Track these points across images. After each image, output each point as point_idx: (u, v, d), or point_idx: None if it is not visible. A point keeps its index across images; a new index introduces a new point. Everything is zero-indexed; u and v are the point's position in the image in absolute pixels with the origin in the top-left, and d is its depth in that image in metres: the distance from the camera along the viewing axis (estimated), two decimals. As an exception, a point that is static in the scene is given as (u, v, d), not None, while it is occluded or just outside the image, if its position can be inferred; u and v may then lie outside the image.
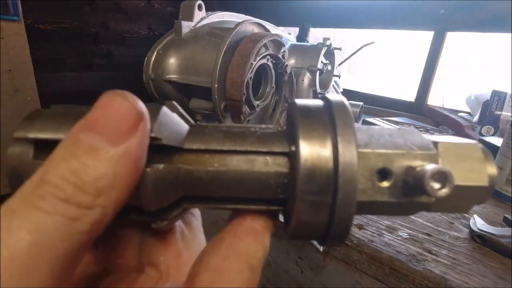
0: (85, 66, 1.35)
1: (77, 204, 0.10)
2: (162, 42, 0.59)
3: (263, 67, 0.60)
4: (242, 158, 0.13)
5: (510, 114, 0.83)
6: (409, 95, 1.17)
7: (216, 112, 0.56)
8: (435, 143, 0.14)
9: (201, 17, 0.62)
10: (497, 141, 0.67)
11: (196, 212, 0.19)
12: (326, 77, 0.92)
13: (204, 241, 0.18)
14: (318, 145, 0.13)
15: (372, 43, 1.00)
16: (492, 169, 0.14)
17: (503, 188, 0.54)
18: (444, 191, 0.12)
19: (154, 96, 0.62)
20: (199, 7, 0.61)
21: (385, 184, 0.13)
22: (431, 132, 0.88)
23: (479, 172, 0.14)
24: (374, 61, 1.37)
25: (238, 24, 0.56)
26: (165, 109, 0.13)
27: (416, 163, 0.13)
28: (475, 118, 0.92)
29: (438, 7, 1.01)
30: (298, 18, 1.33)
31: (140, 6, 1.46)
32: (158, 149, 0.12)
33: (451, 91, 1.12)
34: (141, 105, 0.11)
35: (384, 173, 0.13)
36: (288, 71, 0.64)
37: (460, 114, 0.97)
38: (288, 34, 0.93)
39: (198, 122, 0.15)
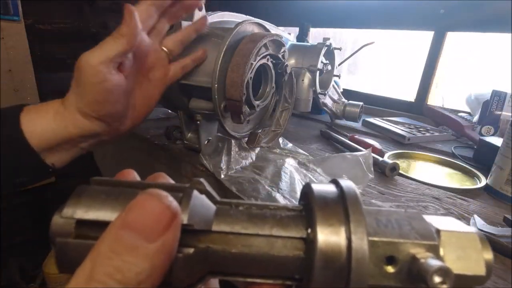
0: (85, 66, 1.34)
1: None
2: (162, 42, 0.59)
3: (263, 67, 0.60)
4: (263, 241, 0.15)
5: (510, 114, 0.83)
6: (409, 95, 1.17)
7: (216, 112, 0.56)
8: (438, 232, 0.15)
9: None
10: (497, 141, 0.67)
11: None
12: (326, 77, 0.92)
13: None
14: (334, 238, 0.14)
15: (372, 43, 1.00)
16: (488, 257, 0.15)
17: (503, 188, 0.54)
18: (445, 287, 0.13)
19: (154, 96, 0.62)
20: (199, 7, 0.61)
21: (391, 269, 0.15)
22: (431, 132, 0.88)
23: (477, 262, 0.15)
24: (374, 61, 1.37)
25: (238, 24, 0.55)
26: (195, 194, 0.15)
27: (420, 252, 0.15)
28: (475, 118, 0.92)
29: (438, 7, 1.01)
30: (298, 18, 1.33)
31: (140, 6, 1.46)
32: (189, 231, 0.14)
33: (451, 91, 1.12)
34: (175, 205, 0.13)
35: (391, 259, 0.15)
36: (288, 71, 0.64)
37: (460, 114, 0.97)
38: (288, 34, 0.93)
39: (225, 200, 0.17)
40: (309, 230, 0.15)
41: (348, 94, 1.11)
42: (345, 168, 0.56)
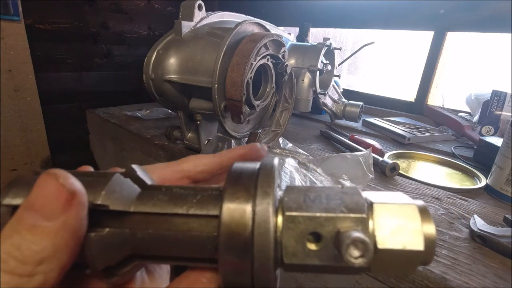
0: (85, 66, 1.34)
1: (19, 274, 0.11)
2: (162, 42, 0.59)
3: (263, 67, 0.60)
4: (181, 221, 0.14)
5: (510, 114, 0.83)
6: (409, 95, 1.17)
7: (216, 112, 0.56)
8: (370, 205, 0.14)
9: (201, 17, 0.62)
10: (497, 141, 0.67)
11: None
12: (326, 77, 0.92)
13: None
14: (239, 212, 0.13)
15: (372, 43, 1.00)
16: (429, 231, 0.13)
17: (503, 188, 0.54)
18: (362, 261, 0.12)
19: (154, 96, 0.62)
20: (199, 7, 0.61)
21: (314, 247, 0.13)
22: (431, 132, 0.88)
23: (414, 236, 0.13)
24: (374, 61, 1.37)
25: (238, 24, 0.56)
26: (116, 177, 0.15)
27: (346, 227, 0.13)
28: (475, 118, 0.92)
29: (438, 7, 1.01)
30: (298, 18, 1.33)
31: (140, 6, 1.46)
32: (107, 213, 0.14)
33: (451, 91, 1.12)
34: (72, 184, 0.13)
35: (316, 236, 0.13)
36: (288, 71, 0.64)
37: (460, 114, 0.97)
38: (288, 34, 0.93)
39: (155, 185, 0.17)
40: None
41: (348, 94, 1.10)
42: (345, 168, 0.56)
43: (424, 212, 0.14)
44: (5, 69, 1.07)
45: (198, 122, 0.61)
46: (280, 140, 0.71)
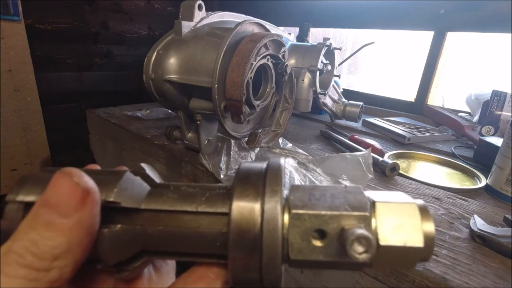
0: (85, 66, 1.34)
1: (36, 268, 0.12)
2: (162, 42, 0.59)
3: (263, 67, 0.60)
4: (190, 218, 0.15)
5: (510, 114, 0.83)
6: (409, 95, 1.17)
7: (216, 112, 0.56)
8: (373, 203, 0.14)
9: (201, 17, 0.62)
10: (497, 141, 0.67)
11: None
12: (326, 77, 0.92)
13: None
14: (248, 209, 0.14)
15: (372, 43, 1.00)
16: (428, 229, 0.14)
17: (503, 188, 0.54)
18: (365, 256, 0.12)
19: (154, 96, 0.62)
20: (199, 7, 0.61)
21: (319, 244, 0.14)
22: (431, 132, 0.88)
23: (414, 233, 0.14)
24: (374, 61, 1.37)
25: (238, 24, 0.55)
26: (127, 175, 0.15)
27: (350, 224, 0.14)
28: (475, 118, 0.92)
29: (438, 7, 1.01)
30: (298, 18, 1.33)
31: (140, 6, 1.46)
32: (118, 209, 0.14)
33: (451, 91, 1.12)
34: (86, 182, 0.13)
35: (321, 233, 0.14)
36: (288, 71, 0.64)
37: (460, 114, 0.97)
38: (288, 34, 0.93)
39: (164, 183, 0.17)
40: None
41: (348, 94, 1.10)
42: (344, 168, 0.56)
43: (424, 211, 0.14)
44: (5, 69, 1.07)
45: (198, 122, 0.61)
46: (280, 140, 0.71)
